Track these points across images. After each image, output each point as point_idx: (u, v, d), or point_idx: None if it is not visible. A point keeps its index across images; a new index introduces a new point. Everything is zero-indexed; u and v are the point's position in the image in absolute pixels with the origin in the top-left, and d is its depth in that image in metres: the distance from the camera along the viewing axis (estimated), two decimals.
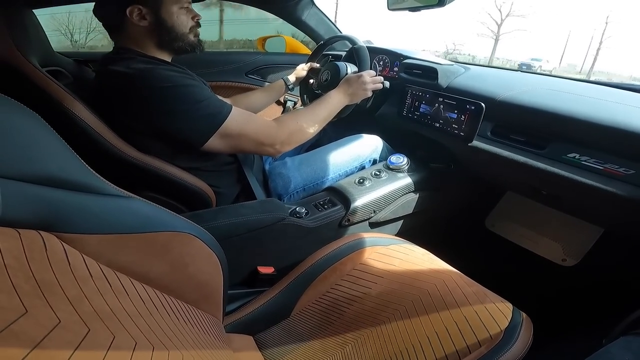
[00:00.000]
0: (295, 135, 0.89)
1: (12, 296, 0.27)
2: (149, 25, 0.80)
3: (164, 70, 0.77)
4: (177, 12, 0.82)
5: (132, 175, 0.77)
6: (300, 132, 0.90)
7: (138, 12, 0.78)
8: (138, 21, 0.79)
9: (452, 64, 1.15)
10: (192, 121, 0.75)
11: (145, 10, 0.78)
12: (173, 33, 0.83)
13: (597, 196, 0.74)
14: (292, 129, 0.88)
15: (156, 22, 0.80)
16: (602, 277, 1.02)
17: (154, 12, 0.79)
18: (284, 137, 0.86)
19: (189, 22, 0.86)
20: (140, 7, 0.78)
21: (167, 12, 0.81)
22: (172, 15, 0.81)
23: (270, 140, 0.84)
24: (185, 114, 0.75)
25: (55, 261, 0.34)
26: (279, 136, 0.85)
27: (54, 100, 0.71)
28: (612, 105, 0.79)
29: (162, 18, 0.80)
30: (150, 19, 0.79)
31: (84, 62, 1.10)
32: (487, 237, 1.21)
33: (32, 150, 0.36)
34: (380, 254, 0.79)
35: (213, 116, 0.77)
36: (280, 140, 0.85)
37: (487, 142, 0.90)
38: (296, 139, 0.90)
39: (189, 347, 0.41)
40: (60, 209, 0.38)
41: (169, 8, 0.81)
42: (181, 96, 0.75)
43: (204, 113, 0.76)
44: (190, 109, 0.75)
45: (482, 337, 0.57)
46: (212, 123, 0.77)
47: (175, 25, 0.83)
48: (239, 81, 1.51)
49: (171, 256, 0.50)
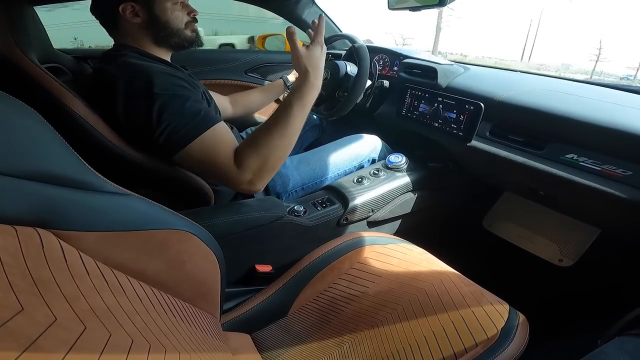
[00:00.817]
0: (264, 172, 0.73)
1: (8, 293, 0.27)
2: (143, 22, 0.80)
3: (159, 74, 0.74)
4: (171, 7, 0.81)
5: (131, 172, 0.77)
6: (269, 166, 0.73)
7: (131, 9, 0.77)
8: (132, 18, 0.78)
9: (451, 63, 1.15)
10: (175, 129, 0.71)
11: (137, 7, 0.78)
12: (168, 29, 0.82)
13: (594, 197, 0.74)
14: (255, 167, 0.72)
15: (150, 18, 0.80)
16: (599, 278, 1.02)
17: (147, 9, 0.79)
18: (248, 177, 0.72)
19: (184, 17, 0.85)
20: (133, 4, 0.77)
21: (160, 8, 0.80)
22: (165, 11, 0.81)
23: (232, 180, 0.73)
24: (168, 123, 0.71)
25: (52, 258, 0.34)
26: (243, 177, 0.72)
27: (53, 97, 0.70)
28: (610, 106, 0.79)
29: (155, 14, 0.80)
30: (144, 16, 0.79)
31: (83, 59, 1.10)
32: (485, 237, 1.21)
33: (30, 147, 0.36)
34: (378, 253, 0.79)
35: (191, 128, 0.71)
36: (246, 180, 0.72)
37: (485, 142, 0.90)
38: (267, 175, 0.74)
39: (185, 345, 0.41)
40: (58, 206, 0.38)
41: (162, 4, 0.80)
42: (167, 107, 0.71)
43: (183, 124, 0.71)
44: (175, 118, 0.71)
45: (478, 336, 0.57)
46: (185, 136, 0.71)
47: (169, 21, 0.82)
48: (238, 79, 1.51)
49: (169, 254, 0.50)
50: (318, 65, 0.78)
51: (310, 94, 0.77)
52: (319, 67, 0.78)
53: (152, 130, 0.71)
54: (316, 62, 0.78)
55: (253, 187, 0.73)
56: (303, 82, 0.77)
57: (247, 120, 1.51)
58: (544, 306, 1.01)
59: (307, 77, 0.76)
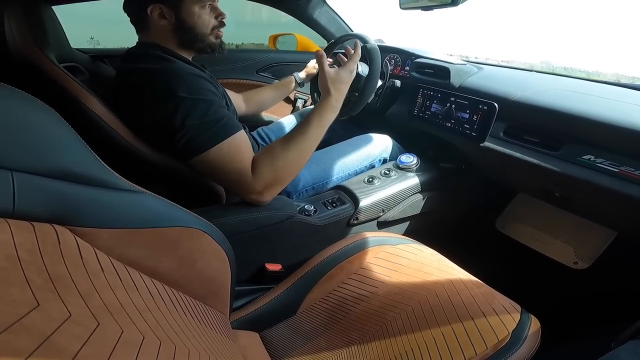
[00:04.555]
0: (275, 184, 0.76)
1: (24, 290, 0.27)
2: (170, 25, 0.80)
3: (185, 74, 0.75)
4: (199, 11, 0.81)
5: (145, 170, 0.78)
6: (281, 178, 0.77)
7: (159, 11, 0.78)
8: (159, 20, 0.79)
9: (464, 63, 1.14)
10: (196, 134, 0.72)
11: (165, 10, 0.78)
12: (193, 33, 0.82)
13: (611, 199, 0.72)
14: (269, 179, 0.75)
15: (176, 21, 0.80)
16: (614, 281, 1.00)
17: (174, 12, 0.79)
18: (259, 188, 0.75)
19: (211, 21, 0.84)
20: (161, 6, 0.78)
21: (187, 12, 0.80)
22: (192, 15, 0.80)
23: (243, 189, 0.75)
24: (190, 128, 0.72)
25: (68, 255, 0.35)
26: (254, 187, 0.74)
27: (71, 96, 0.72)
28: (628, 106, 0.77)
29: (182, 18, 0.80)
30: (171, 19, 0.79)
31: (100, 58, 1.12)
32: (497, 239, 1.20)
33: (48, 145, 0.37)
34: (388, 254, 0.79)
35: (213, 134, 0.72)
36: (257, 190, 0.75)
37: (499, 143, 0.89)
38: (277, 188, 0.77)
39: (195, 343, 0.42)
40: (74, 202, 0.39)
41: (190, 8, 0.80)
42: (193, 111, 0.72)
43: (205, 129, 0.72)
44: (197, 123, 0.72)
45: (489, 339, 0.57)
46: (204, 142, 0.72)
47: (195, 26, 0.82)
48: (250, 79, 1.51)
49: (181, 252, 0.50)
50: (341, 89, 0.84)
51: (329, 114, 0.82)
52: (342, 91, 0.84)
53: (174, 132, 0.72)
54: (340, 85, 0.83)
55: (261, 198, 0.76)
56: (324, 102, 0.82)
57: (258, 119, 1.51)
58: (556, 309, 0.99)
59: (329, 99, 0.82)
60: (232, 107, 0.88)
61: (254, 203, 0.78)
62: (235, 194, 0.79)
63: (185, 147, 0.73)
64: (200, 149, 0.72)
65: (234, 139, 0.74)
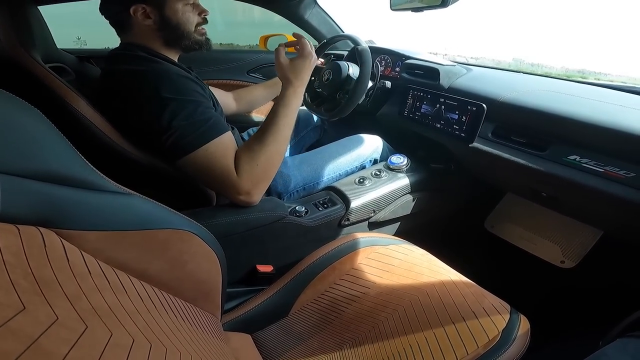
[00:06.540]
0: (262, 182, 0.77)
1: (10, 293, 0.27)
2: (154, 24, 0.79)
3: (172, 75, 0.75)
4: (182, 9, 0.81)
5: (133, 172, 0.77)
6: (265, 173, 0.77)
7: (142, 10, 0.77)
8: (143, 20, 0.78)
9: (454, 64, 1.15)
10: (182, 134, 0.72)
11: (149, 9, 0.77)
12: (179, 31, 0.82)
13: (597, 198, 0.74)
14: (253, 176, 0.74)
15: (161, 20, 0.79)
16: (601, 279, 1.02)
17: (158, 10, 0.78)
18: (247, 187, 0.74)
19: (195, 18, 0.84)
20: (144, 5, 0.77)
21: (171, 10, 0.79)
22: (176, 12, 0.80)
23: (231, 190, 0.75)
24: (177, 128, 0.71)
25: (54, 257, 0.34)
26: (242, 187, 0.74)
27: (57, 97, 0.71)
28: (613, 107, 0.79)
29: (166, 16, 0.79)
30: (155, 18, 0.79)
31: (86, 59, 1.11)
32: (486, 239, 1.21)
33: (33, 147, 0.37)
34: (380, 254, 0.79)
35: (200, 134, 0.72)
36: (245, 190, 0.74)
37: (488, 144, 0.90)
38: (263, 184, 0.78)
39: (186, 345, 0.42)
40: (60, 205, 0.38)
41: (173, 5, 0.79)
42: (179, 111, 0.71)
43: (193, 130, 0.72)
44: (184, 124, 0.71)
45: (479, 338, 0.57)
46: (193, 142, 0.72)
47: (180, 23, 0.81)
48: (241, 79, 1.51)
49: (170, 254, 0.50)
50: (300, 75, 0.84)
51: (293, 101, 0.82)
52: (302, 77, 0.84)
53: (160, 133, 0.71)
54: (298, 70, 0.83)
55: (250, 198, 0.76)
56: (286, 89, 0.83)
57: (249, 120, 1.51)
58: (545, 307, 1.00)
59: (288, 87, 0.83)
60: (219, 109, 0.88)
61: (244, 205, 0.77)
62: (225, 197, 0.79)
63: (173, 148, 0.72)
64: (188, 149, 0.72)
65: (221, 140, 0.74)
